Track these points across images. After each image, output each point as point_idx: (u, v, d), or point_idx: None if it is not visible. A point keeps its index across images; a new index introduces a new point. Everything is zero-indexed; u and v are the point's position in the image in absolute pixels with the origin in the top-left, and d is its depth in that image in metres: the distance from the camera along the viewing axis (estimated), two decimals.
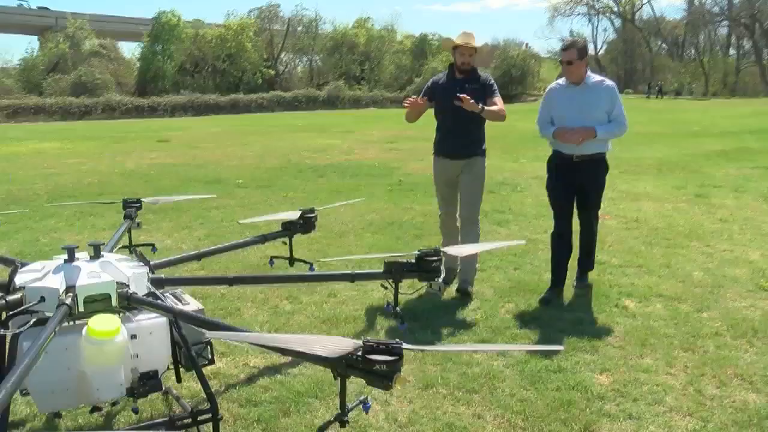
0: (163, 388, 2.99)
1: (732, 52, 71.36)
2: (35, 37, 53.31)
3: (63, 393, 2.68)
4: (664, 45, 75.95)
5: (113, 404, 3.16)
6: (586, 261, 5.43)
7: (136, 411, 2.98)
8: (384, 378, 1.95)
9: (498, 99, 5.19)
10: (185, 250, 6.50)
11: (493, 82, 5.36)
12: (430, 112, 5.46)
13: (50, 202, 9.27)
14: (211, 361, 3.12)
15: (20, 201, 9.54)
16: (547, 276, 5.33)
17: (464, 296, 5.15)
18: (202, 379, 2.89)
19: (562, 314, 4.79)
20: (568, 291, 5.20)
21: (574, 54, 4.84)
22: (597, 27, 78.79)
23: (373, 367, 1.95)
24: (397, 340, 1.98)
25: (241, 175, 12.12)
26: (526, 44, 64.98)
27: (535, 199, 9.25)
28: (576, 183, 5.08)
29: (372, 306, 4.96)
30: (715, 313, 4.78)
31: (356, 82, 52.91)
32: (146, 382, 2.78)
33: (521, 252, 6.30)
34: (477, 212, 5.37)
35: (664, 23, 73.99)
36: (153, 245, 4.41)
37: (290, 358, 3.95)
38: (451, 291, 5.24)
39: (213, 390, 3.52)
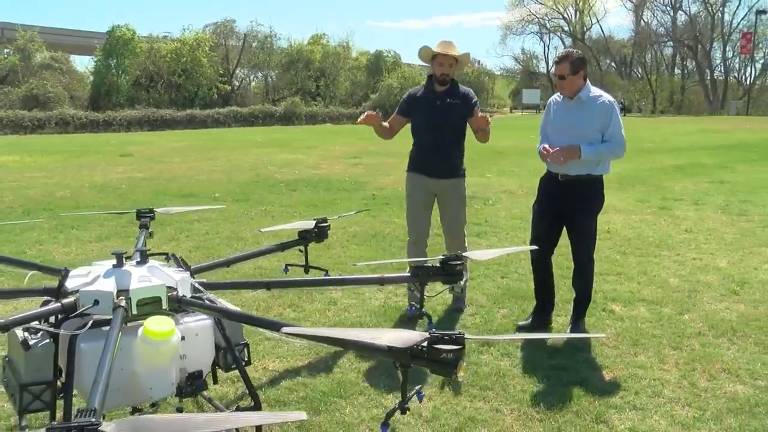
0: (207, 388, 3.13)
1: (677, 71, 74.20)
2: None
3: (115, 393, 2.78)
4: (612, 64, 78.33)
5: (152, 405, 3.29)
6: (577, 306, 4.77)
7: (180, 411, 3.11)
8: (449, 366, 2.15)
9: None
10: None
11: (476, 98, 4.98)
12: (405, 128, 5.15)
13: (27, 215, 9.22)
14: (248, 363, 3.27)
15: None
16: None
17: (456, 312, 5.16)
18: (246, 379, 3.04)
19: (556, 318, 5.06)
20: (558, 296, 5.42)
21: (566, 68, 4.37)
22: (548, 45, 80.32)
23: (439, 356, 2.14)
24: (460, 330, 2.18)
25: (215, 189, 12.17)
26: (479, 61, 66.30)
27: (508, 212, 9.64)
28: (559, 207, 4.60)
29: (374, 312, 5.16)
30: (695, 315, 5.13)
31: (312, 98, 53.08)
32: (193, 382, 2.92)
33: (505, 262, 6.57)
34: (463, 237, 5.14)
35: (613, 42, 76.43)
36: (167, 254, 4.51)
37: (307, 361, 4.15)
38: (447, 299, 5.43)
39: (240, 393, 3.72)
